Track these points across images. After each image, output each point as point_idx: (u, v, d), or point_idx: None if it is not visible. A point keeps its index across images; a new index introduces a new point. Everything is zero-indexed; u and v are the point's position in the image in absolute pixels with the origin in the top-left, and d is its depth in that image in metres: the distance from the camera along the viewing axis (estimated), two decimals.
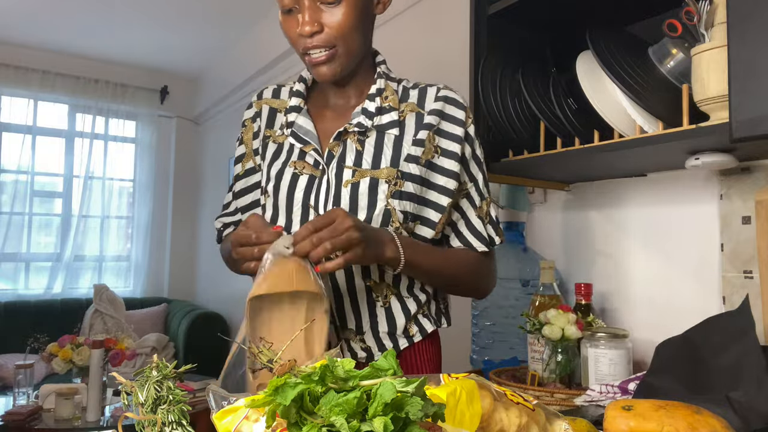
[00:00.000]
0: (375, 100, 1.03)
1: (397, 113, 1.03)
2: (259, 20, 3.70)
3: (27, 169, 4.39)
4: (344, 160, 1.01)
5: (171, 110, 5.04)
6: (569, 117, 1.25)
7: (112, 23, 3.89)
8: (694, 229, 1.33)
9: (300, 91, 1.07)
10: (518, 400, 0.61)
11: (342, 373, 0.47)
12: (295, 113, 1.05)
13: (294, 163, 1.03)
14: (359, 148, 1.01)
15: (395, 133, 1.03)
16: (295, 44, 0.99)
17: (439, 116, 1.04)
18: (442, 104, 1.05)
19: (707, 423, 0.66)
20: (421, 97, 1.06)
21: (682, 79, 1.11)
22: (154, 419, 0.53)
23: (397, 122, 1.03)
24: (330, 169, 1.01)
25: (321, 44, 0.96)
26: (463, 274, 1.06)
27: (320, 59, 0.97)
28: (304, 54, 0.99)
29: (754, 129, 0.86)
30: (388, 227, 0.98)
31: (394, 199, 0.98)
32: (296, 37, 0.98)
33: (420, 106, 1.05)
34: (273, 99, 1.12)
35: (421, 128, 1.03)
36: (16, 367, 2.51)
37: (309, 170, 1.02)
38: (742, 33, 0.87)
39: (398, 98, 1.05)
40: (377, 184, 0.98)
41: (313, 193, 1.01)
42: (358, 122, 1.01)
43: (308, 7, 0.94)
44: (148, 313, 4.40)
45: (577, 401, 1.09)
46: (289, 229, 1.01)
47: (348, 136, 1.02)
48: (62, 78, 4.49)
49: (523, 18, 1.42)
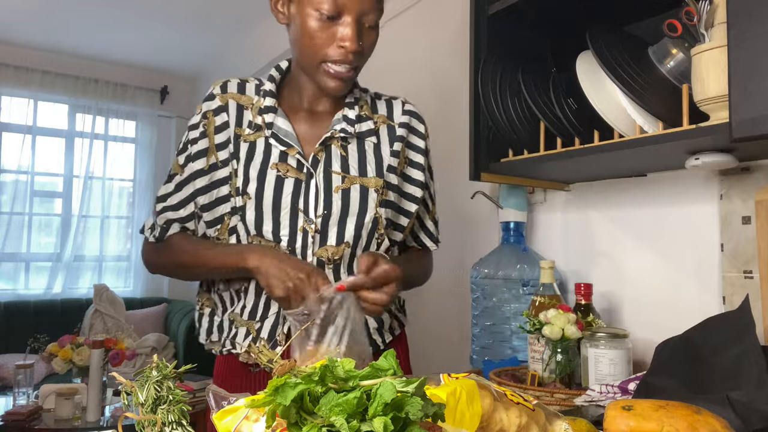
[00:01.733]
0: (354, 108, 1.08)
1: (372, 122, 1.09)
2: (259, 20, 3.70)
3: (27, 169, 4.39)
4: (330, 164, 1.03)
5: (171, 110, 5.04)
6: (569, 117, 1.25)
7: (112, 23, 3.89)
8: (694, 229, 1.33)
9: (272, 91, 1.06)
10: (518, 400, 0.61)
11: (342, 373, 0.47)
12: (272, 114, 1.04)
13: (276, 165, 1.02)
14: (343, 154, 1.05)
15: (374, 141, 1.08)
16: (320, 50, 0.98)
17: (407, 129, 1.12)
18: (408, 118, 1.13)
19: (707, 423, 0.66)
20: (389, 109, 1.13)
21: (682, 79, 1.11)
22: (154, 419, 0.53)
23: (374, 131, 1.09)
24: (317, 173, 1.02)
25: (352, 62, 0.98)
26: (422, 272, 1.21)
27: (346, 75, 0.99)
28: (327, 62, 0.98)
29: (754, 129, 0.86)
30: (374, 233, 1.04)
31: (381, 207, 1.05)
32: (328, 45, 0.97)
33: (390, 118, 1.12)
34: (239, 94, 1.08)
35: (395, 140, 1.10)
36: (16, 367, 2.51)
37: (293, 173, 1.02)
38: (742, 33, 0.87)
39: (370, 108, 1.11)
40: (367, 193, 1.03)
41: (301, 197, 1.01)
42: (342, 128, 1.04)
43: (357, 23, 0.96)
44: (148, 313, 4.39)
45: (577, 401, 1.09)
46: (277, 232, 1.00)
47: (332, 141, 1.05)
48: (62, 78, 4.49)
49: (523, 18, 1.42)
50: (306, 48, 0.99)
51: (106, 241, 4.72)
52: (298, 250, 1.00)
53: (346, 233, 1.02)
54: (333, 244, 1.02)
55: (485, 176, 1.40)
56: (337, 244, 1.02)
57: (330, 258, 1.02)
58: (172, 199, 1.08)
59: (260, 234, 1.01)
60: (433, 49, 2.22)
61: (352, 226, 1.02)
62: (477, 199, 1.72)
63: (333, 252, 1.02)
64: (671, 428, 0.66)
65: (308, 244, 1.01)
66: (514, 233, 1.64)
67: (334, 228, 1.02)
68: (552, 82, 1.30)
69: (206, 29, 3.96)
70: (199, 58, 4.59)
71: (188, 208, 1.07)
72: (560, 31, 1.44)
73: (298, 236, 1.00)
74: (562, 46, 1.38)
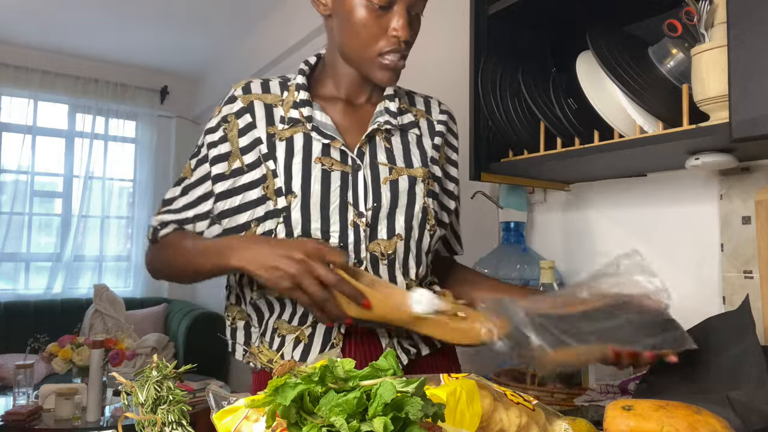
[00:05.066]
0: (394, 100, 1.06)
1: (412, 115, 1.08)
2: (259, 20, 3.70)
3: (27, 169, 4.39)
4: (376, 156, 1.01)
5: (171, 110, 5.04)
6: (569, 117, 1.25)
7: (112, 23, 3.89)
8: (694, 229, 1.33)
9: (305, 84, 1.03)
10: (518, 400, 0.61)
11: (342, 373, 0.47)
12: (308, 107, 1.00)
13: (320, 159, 0.98)
14: (388, 146, 1.03)
15: (416, 133, 1.08)
16: (374, 41, 0.95)
17: (446, 127, 1.12)
18: (447, 117, 1.13)
19: (707, 423, 0.66)
20: (426, 105, 1.13)
21: (682, 79, 1.11)
22: (154, 419, 0.53)
23: (415, 123, 1.08)
24: (364, 165, 1.00)
25: (404, 52, 0.97)
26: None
27: (398, 65, 0.98)
28: (382, 54, 0.96)
29: (754, 129, 0.86)
30: (425, 225, 1.02)
31: (429, 197, 1.03)
32: (381, 36, 0.95)
33: (428, 113, 1.11)
34: (264, 94, 1.04)
35: (435, 135, 1.09)
36: (16, 367, 2.51)
37: (339, 166, 0.98)
38: (742, 33, 0.87)
39: (408, 102, 1.10)
40: (415, 182, 1.02)
41: (350, 190, 0.97)
42: (385, 120, 1.03)
43: (407, 12, 0.95)
44: (148, 313, 4.39)
45: (577, 401, 1.09)
46: (326, 229, 0.96)
47: (377, 133, 1.03)
48: (62, 78, 4.49)
49: (523, 18, 1.42)
50: (357, 39, 0.96)
51: (106, 241, 4.73)
52: (351, 246, 0.96)
53: (397, 225, 0.99)
54: (384, 237, 0.98)
55: (485, 176, 1.40)
56: (389, 238, 0.98)
57: (383, 252, 0.98)
58: (177, 202, 1.05)
59: (307, 234, 0.95)
60: (433, 49, 2.22)
61: (402, 218, 1.00)
62: (477, 199, 1.72)
63: (385, 246, 0.98)
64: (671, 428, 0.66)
65: (360, 239, 0.96)
66: (514, 233, 1.64)
67: (384, 221, 0.98)
68: (552, 82, 1.30)
69: (206, 29, 3.96)
70: (199, 58, 4.59)
71: (191, 211, 1.04)
72: (560, 31, 1.44)
73: (349, 231, 0.96)
74: (562, 46, 1.38)
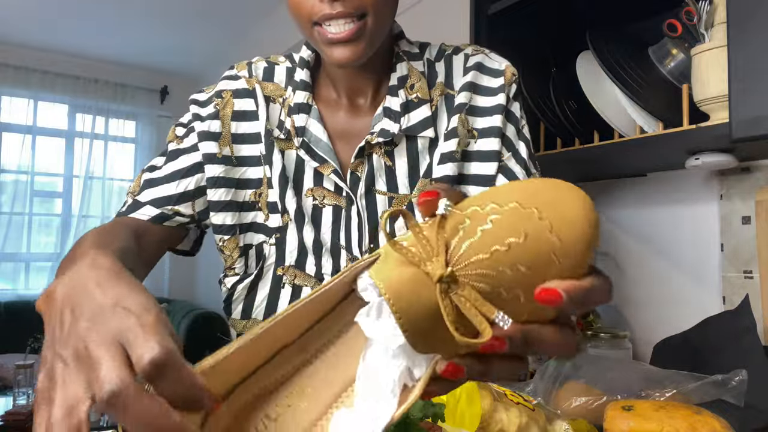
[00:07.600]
0: (398, 93, 0.79)
1: (428, 106, 0.79)
2: (259, 20, 3.70)
3: (27, 169, 4.39)
4: (373, 182, 0.78)
5: (171, 110, 5.04)
6: (569, 117, 1.25)
7: (112, 23, 3.89)
8: (694, 229, 1.33)
9: (307, 81, 0.80)
10: (518, 400, 0.61)
11: None
12: (303, 115, 0.78)
13: (311, 191, 0.79)
14: (389, 163, 0.79)
15: (430, 135, 0.78)
16: (302, 12, 0.70)
17: (470, 91, 0.80)
18: (473, 74, 0.81)
19: (707, 423, 0.66)
20: (447, 72, 0.83)
21: (682, 79, 1.11)
22: None
23: (431, 119, 0.79)
24: (358, 196, 0.78)
25: (346, 11, 0.67)
26: None
27: (341, 36, 0.68)
28: (315, 25, 0.70)
29: (754, 129, 0.86)
30: None
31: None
32: (307, 1, 0.69)
33: (448, 85, 0.82)
34: (265, 82, 0.82)
35: (452, 114, 0.80)
36: (16, 367, 2.51)
37: (331, 199, 0.79)
38: (742, 33, 0.87)
39: (426, 83, 0.81)
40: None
41: (342, 231, 0.78)
42: (381, 129, 0.77)
43: None
44: None
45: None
46: (319, 270, 0.78)
47: (372, 149, 0.78)
48: (62, 78, 4.48)
49: (523, 18, 1.42)
50: (293, 9, 0.72)
51: None
52: None
53: None
54: None
55: None
56: None
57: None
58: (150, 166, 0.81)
59: (301, 268, 0.78)
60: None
61: None
62: None
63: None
64: (671, 428, 0.66)
65: None
66: None
67: None
68: (552, 82, 1.30)
69: (206, 29, 3.96)
70: (199, 58, 4.59)
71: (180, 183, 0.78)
72: (560, 31, 1.44)
73: None
74: (562, 46, 1.38)
